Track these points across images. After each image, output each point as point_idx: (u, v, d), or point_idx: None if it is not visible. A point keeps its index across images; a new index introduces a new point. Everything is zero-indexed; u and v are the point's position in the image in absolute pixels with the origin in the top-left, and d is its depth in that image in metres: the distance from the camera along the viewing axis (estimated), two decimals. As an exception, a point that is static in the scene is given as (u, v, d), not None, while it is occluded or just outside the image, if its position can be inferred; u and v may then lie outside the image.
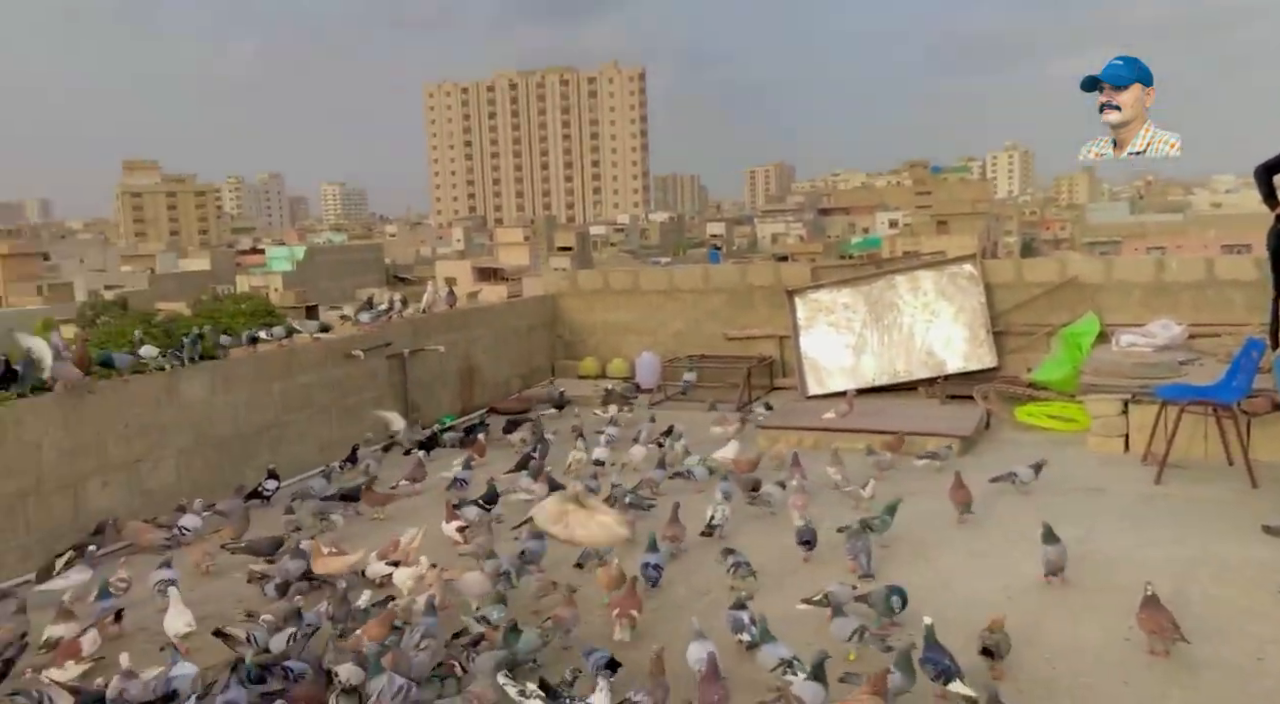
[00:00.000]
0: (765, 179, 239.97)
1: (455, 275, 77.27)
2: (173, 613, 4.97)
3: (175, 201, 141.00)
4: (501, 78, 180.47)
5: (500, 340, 12.25)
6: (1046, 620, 4.95)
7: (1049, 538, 5.37)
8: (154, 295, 66.88)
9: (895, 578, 5.31)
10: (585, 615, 5.02)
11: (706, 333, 12.56)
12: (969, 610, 4.95)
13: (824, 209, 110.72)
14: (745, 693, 4.23)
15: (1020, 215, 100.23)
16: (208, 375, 7.98)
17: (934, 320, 10.78)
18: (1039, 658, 4.55)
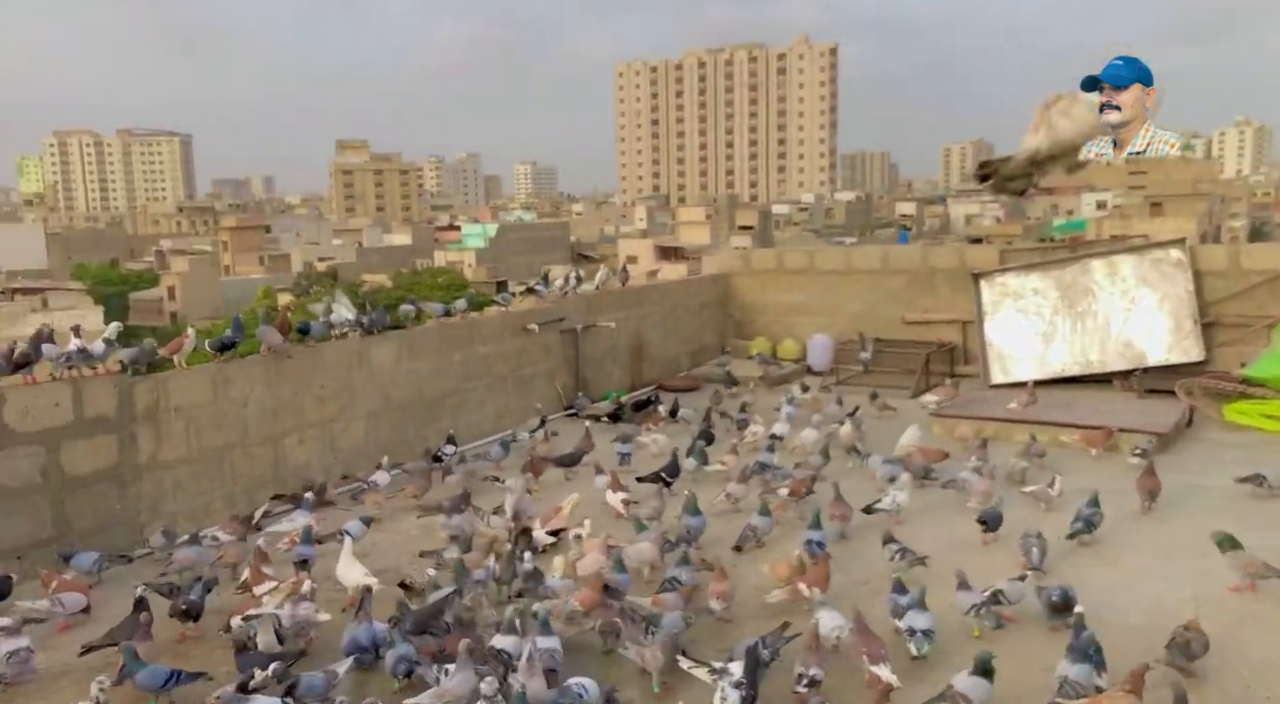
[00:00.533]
0: (961, 156, 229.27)
1: (637, 254, 78.55)
2: (344, 564, 5.33)
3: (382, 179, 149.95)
4: (690, 56, 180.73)
5: (671, 318, 12.34)
6: (1241, 632, 4.54)
7: (1231, 544, 4.99)
8: (360, 267, 71.72)
9: (1075, 578, 5.00)
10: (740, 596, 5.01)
11: (884, 316, 12.18)
12: (1155, 616, 4.61)
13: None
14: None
15: (1250, 197, 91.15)
16: (395, 343, 8.46)
17: (1133, 308, 10.02)
18: (1231, 672, 4.19)
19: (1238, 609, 4.83)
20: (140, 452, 6.45)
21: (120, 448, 6.34)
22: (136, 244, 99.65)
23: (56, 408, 6.00)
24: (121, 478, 6.35)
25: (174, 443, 6.64)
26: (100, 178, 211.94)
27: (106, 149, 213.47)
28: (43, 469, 5.94)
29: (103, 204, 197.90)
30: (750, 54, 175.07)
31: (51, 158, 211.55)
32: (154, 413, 6.52)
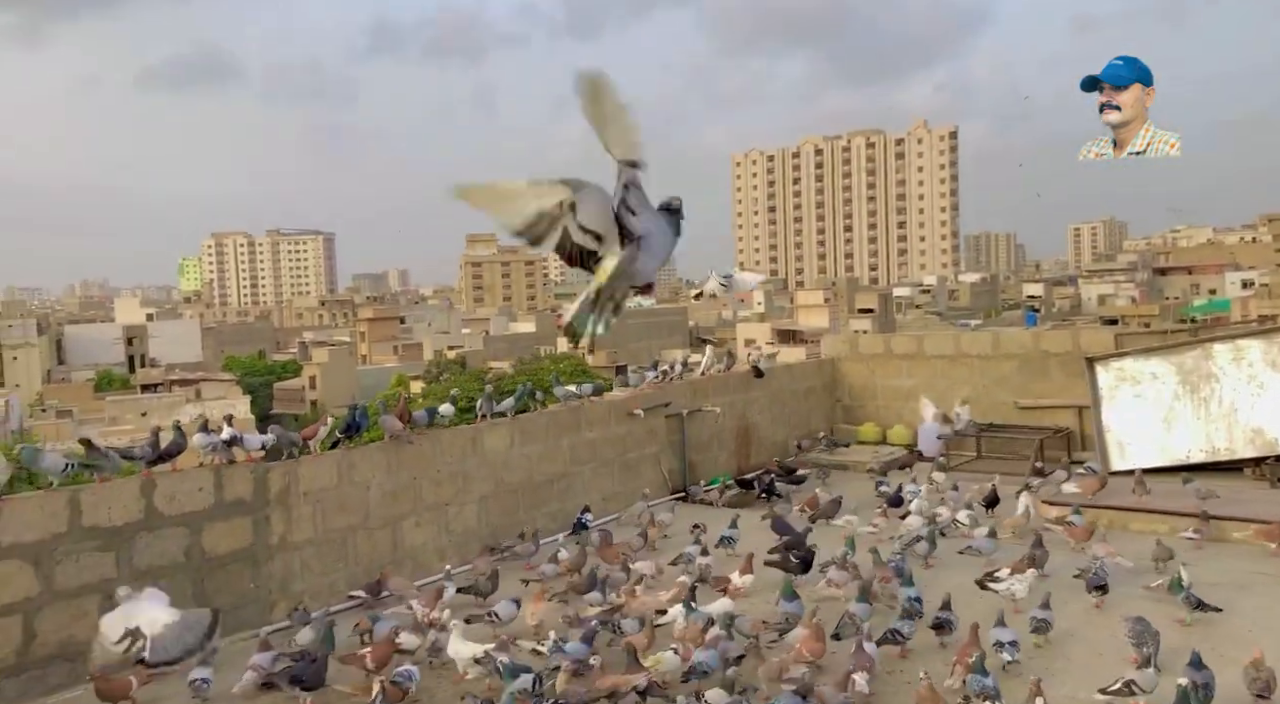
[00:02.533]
0: (1091, 236, 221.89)
1: (755, 337, 78.57)
2: (455, 641, 5.64)
3: (509, 270, 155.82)
4: (807, 144, 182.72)
5: (777, 403, 12.45)
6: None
7: None
8: (487, 355, 74.28)
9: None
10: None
11: (995, 400, 12.00)
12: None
13: (1161, 268, 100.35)
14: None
15: None
16: (507, 429, 8.89)
17: (1262, 393, 9.59)
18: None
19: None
20: (272, 533, 6.97)
21: (255, 529, 6.88)
22: (282, 336, 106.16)
23: (199, 492, 6.60)
24: (255, 558, 6.88)
25: (302, 525, 7.16)
26: (251, 275, 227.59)
27: (258, 248, 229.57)
28: (186, 549, 6.51)
29: (253, 299, 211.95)
30: (868, 140, 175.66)
31: (209, 257, 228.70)
32: (285, 497, 7.06)
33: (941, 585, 6.50)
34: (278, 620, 6.58)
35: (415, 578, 7.62)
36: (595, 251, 3.06)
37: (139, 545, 6.26)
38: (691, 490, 10.25)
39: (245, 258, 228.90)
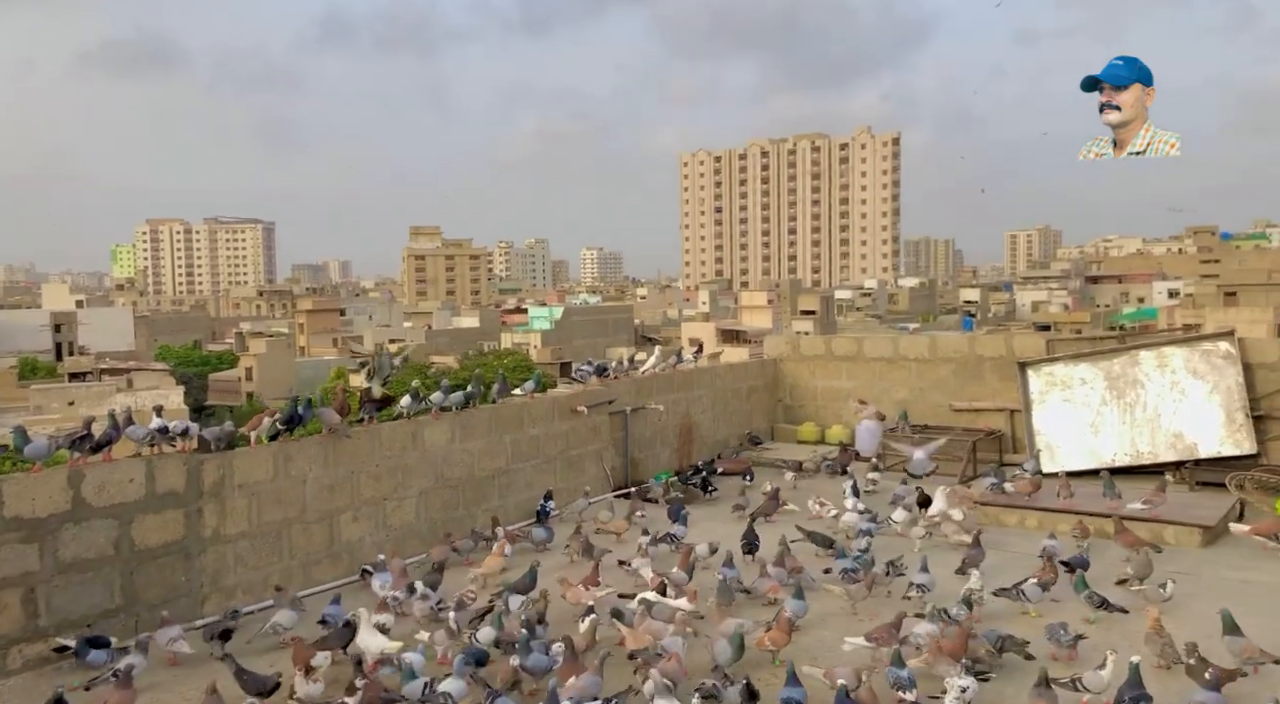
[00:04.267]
0: (1027, 244, 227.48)
1: (700, 336, 78.67)
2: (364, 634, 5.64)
3: (453, 264, 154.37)
4: (754, 146, 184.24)
5: (720, 402, 12.57)
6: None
7: (1230, 628, 5.09)
8: (430, 349, 73.48)
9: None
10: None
11: (931, 403, 12.26)
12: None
13: (1093, 276, 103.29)
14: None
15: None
16: (448, 424, 8.83)
17: (1183, 400, 9.95)
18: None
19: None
20: (205, 526, 6.84)
21: (187, 522, 6.74)
22: (218, 326, 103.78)
23: (130, 483, 6.45)
24: (187, 551, 6.74)
25: (236, 518, 7.04)
26: (187, 263, 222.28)
27: (194, 236, 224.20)
28: (115, 542, 6.36)
29: (189, 288, 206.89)
30: (813, 143, 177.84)
31: (143, 245, 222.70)
32: (219, 489, 6.93)
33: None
34: (209, 614, 6.46)
35: (351, 573, 7.57)
36: None
37: (65, 537, 6.10)
38: (648, 486, 10.30)
39: (181, 246, 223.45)
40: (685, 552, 7.12)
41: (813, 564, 7.17)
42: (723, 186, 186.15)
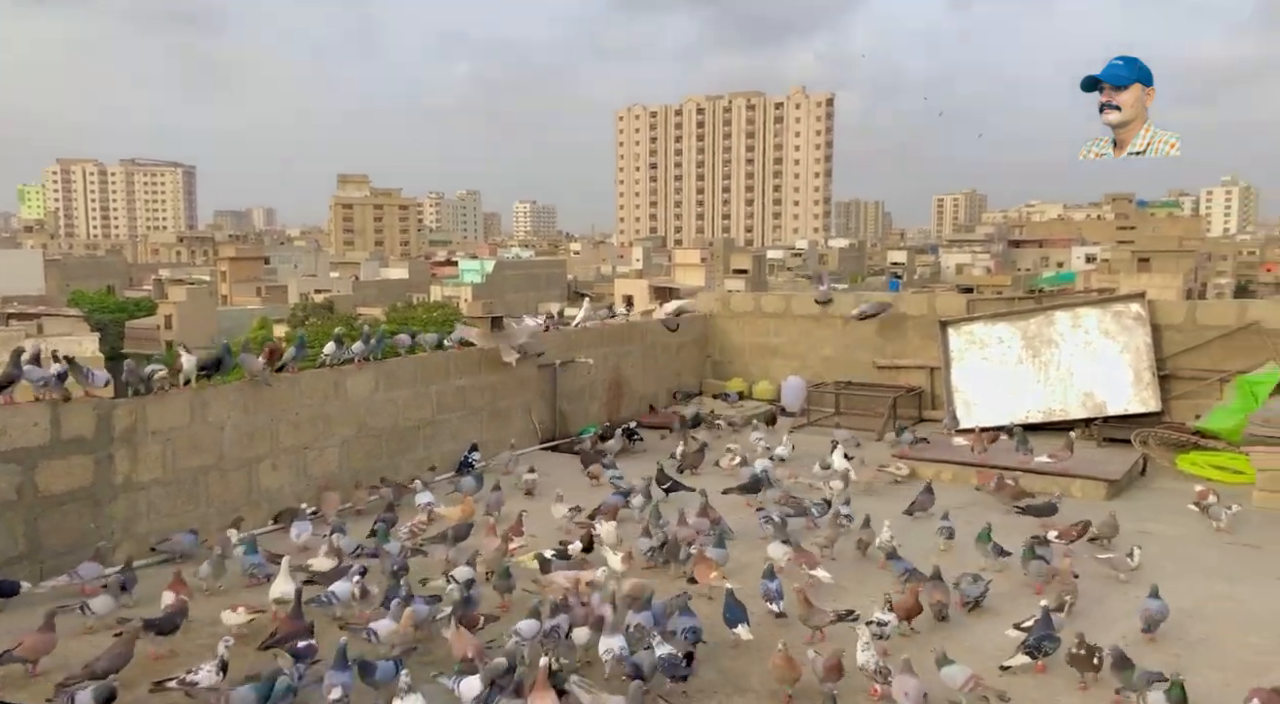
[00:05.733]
0: (954, 208, 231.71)
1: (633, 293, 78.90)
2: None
3: (381, 214, 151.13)
4: (690, 102, 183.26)
5: (650, 357, 12.60)
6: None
7: (1153, 594, 5.20)
8: (357, 300, 72.07)
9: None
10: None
11: (856, 360, 12.47)
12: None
13: (1015, 241, 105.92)
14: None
15: (1237, 255, 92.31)
16: (372, 374, 8.69)
17: (1095, 360, 10.30)
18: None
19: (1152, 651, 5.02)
20: (116, 472, 6.64)
21: (96, 468, 6.54)
22: (135, 273, 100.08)
23: (35, 428, 6.21)
24: (96, 498, 6.54)
25: (150, 465, 6.85)
26: (102, 207, 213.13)
27: (110, 178, 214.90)
28: (18, 487, 6.13)
29: (104, 233, 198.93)
30: (748, 102, 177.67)
31: (54, 186, 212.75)
32: (131, 435, 6.73)
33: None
34: (119, 562, 6.29)
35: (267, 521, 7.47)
36: None
37: (-36, 483, 5.87)
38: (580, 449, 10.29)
39: (95, 188, 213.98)
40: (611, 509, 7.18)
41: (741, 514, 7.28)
42: (658, 143, 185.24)
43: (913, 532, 6.87)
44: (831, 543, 6.66)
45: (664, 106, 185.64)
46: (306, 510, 7.22)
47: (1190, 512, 7.16)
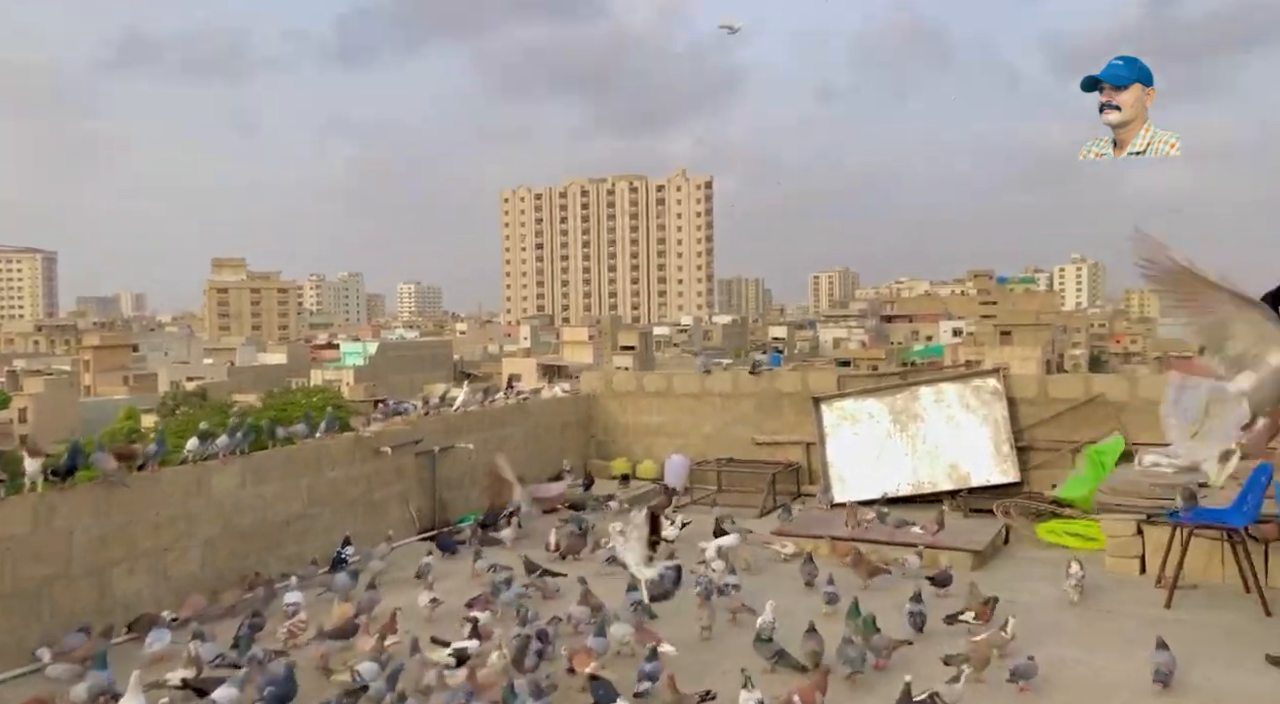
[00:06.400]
0: (829, 284, 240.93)
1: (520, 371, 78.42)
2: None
3: (259, 298, 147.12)
4: (574, 184, 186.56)
5: (533, 439, 12.53)
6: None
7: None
8: (232, 387, 69.39)
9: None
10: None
11: (736, 437, 12.68)
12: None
13: (887, 316, 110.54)
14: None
15: (1089, 328, 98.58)
16: (238, 469, 8.37)
17: (958, 432, 10.77)
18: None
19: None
20: (-53, 586, 6.16)
21: (-75, 582, 6.05)
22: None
23: None
24: (-77, 615, 6.04)
25: (-14, 576, 6.37)
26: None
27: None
28: None
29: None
30: (631, 184, 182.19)
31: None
32: (-35, 545, 6.27)
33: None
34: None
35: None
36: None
37: None
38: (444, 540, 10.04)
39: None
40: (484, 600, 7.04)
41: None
42: (544, 223, 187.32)
43: (800, 608, 6.93)
44: (710, 623, 6.68)
45: (548, 187, 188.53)
46: (166, 617, 6.84)
47: (1049, 579, 7.46)
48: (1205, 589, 7.30)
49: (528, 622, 6.44)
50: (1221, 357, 4.73)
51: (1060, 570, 7.46)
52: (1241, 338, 4.63)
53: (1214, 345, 4.76)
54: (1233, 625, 6.59)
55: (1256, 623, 6.62)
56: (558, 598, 7.62)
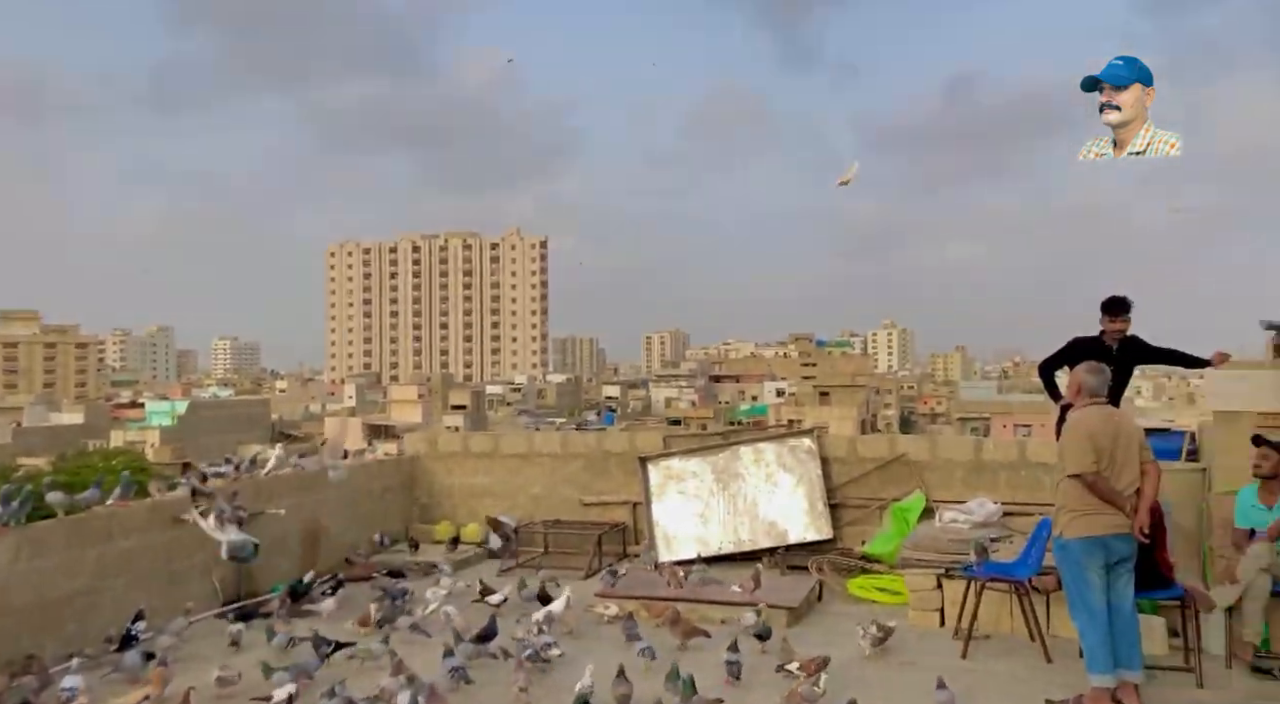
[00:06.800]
0: (661, 344, 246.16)
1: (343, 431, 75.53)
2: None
3: (54, 353, 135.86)
4: (405, 240, 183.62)
5: (350, 503, 12.04)
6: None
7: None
8: (17, 449, 63.28)
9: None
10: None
11: (564, 497, 12.63)
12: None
13: (716, 376, 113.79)
14: None
15: (899, 389, 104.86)
16: (13, 542, 7.62)
17: (776, 491, 11.14)
18: None
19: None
20: None
21: None
22: None
23: None
24: None
25: None
26: None
27: None
28: None
29: None
30: (465, 241, 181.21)
31: None
32: None
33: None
34: None
35: None
36: None
37: None
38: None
39: None
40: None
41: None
42: (373, 279, 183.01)
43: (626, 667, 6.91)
44: (527, 685, 6.57)
45: (378, 243, 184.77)
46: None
47: (856, 632, 7.75)
48: (997, 639, 7.80)
49: (334, 695, 6.14)
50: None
51: (878, 620, 7.80)
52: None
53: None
54: (1018, 672, 7.06)
55: (1039, 669, 7.11)
56: (368, 671, 7.30)
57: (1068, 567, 6.37)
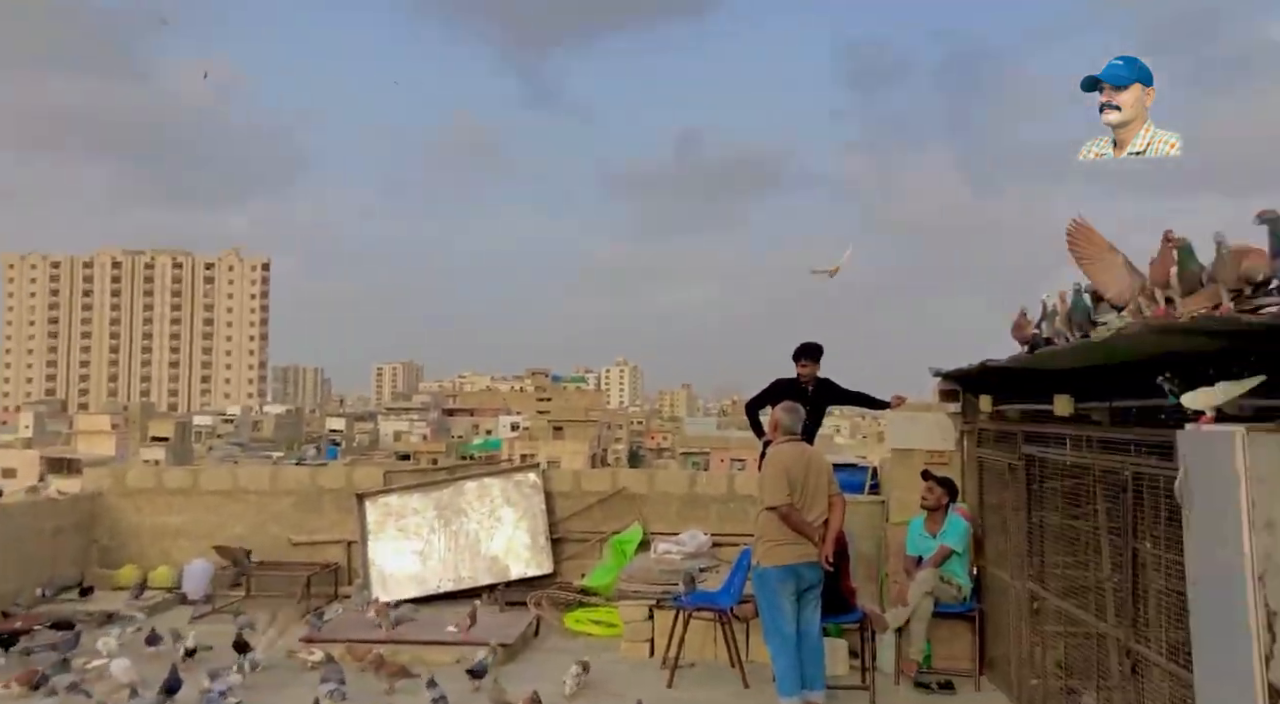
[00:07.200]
0: (393, 376, 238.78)
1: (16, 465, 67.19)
2: None
3: None
4: (103, 254, 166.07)
5: (13, 547, 10.59)
6: None
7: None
8: None
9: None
10: None
11: (272, 536, 11.81)
12: None
13: (449, 409, 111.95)
14: None
15: (629, 425, 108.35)
16: None
17: (499, 526, 11.06)
18: None
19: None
20: None
21: None
22: None
23: None
24: None
25: None
26: None
27: None
28: None
29: None
30: (175, 260, 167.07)
31: None
32: None
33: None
34: None
35: None
36: None
37: None
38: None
39: None
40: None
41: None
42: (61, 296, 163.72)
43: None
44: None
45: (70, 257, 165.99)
46: None
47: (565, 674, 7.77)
48: (701, 666, 8.13)
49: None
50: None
51: (582, 658, 7.87)
52: None
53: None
54: (719, 699, 7.40)
55: (739, 695, 7.49)
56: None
57: (764, 594, 6.81)
